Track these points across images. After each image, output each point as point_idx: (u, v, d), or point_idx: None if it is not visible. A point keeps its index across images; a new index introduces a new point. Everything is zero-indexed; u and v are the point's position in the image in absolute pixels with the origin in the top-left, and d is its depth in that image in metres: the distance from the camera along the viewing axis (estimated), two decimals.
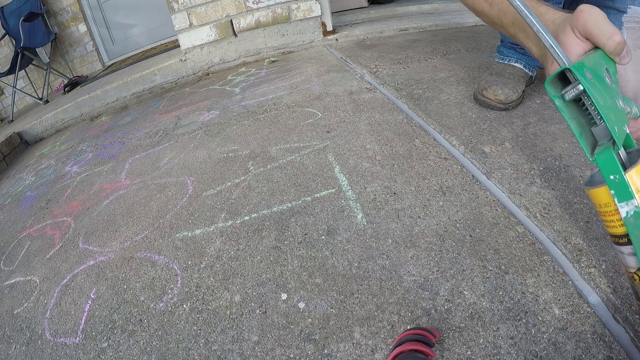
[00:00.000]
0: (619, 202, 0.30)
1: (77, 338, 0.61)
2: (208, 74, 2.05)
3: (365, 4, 2.60)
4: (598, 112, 0.29)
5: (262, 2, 1.87)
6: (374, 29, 1.93)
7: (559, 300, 0.46)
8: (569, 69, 0.30)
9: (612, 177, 0.29)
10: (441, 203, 0.66)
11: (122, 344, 0.57)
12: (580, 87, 0.30)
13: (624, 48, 0.35)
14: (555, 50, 0.32)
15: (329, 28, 1.98)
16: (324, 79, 1.40)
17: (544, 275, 0.50)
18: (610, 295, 0.45)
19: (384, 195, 0.71)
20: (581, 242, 0.52)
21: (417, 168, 0.76)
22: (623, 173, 0.29)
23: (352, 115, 1.05)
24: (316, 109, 1.15)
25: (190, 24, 1.93)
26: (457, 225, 0.61)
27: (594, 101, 0.29)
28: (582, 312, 0.45)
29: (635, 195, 0.29)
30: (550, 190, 0.61)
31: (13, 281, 0.83)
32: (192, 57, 2.02)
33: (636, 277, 0.33)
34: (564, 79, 0.32)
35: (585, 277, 0.48)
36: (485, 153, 0.74)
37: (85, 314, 0.65)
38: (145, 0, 2.82)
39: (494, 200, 0.64)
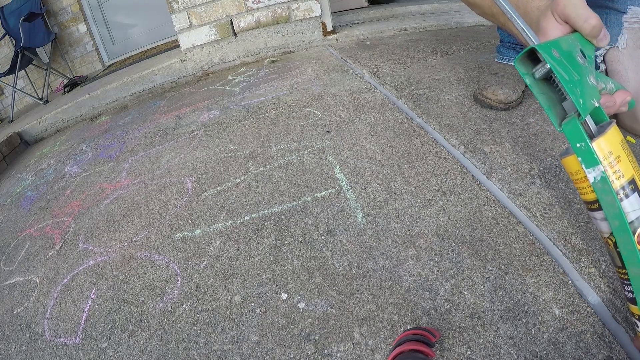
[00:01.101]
0: (586, 169, 0.32)
1: (77, 338, 0.61)
2: (208, 74, 2.05)
3: (365, 4, 2.60)
4: (563, 86, 0.31)
5: (262, 2, 1.88)
6: (374, 29, 1.93)
7: (559, 300, 0.46)
8: (535, 49, 0.32)
9: (578, 145, 0.32)
10: (441, 203, 0.66)
11: (122, 344, 0.57)
12: (548, 66, 0.32)
13: (601, 31, 0.37)
14: (525, 31, 0.36)
15: (329, 28, 1.98)
16: (324, 79, 1.40)
17: (544, 275, 0.50)
18: (610, 295, 0.45)
19: (384, 195, 0.71)
20: (581, 242, 0.52)
21: (417, 168, 0.76)
22: (588, 141, 0.31)
23: (352, 115, 1.05)
24: (316, 109, 1.15)
25: (190, 24, 1.93)
26: (457, 225, 0.61)
27: (558, 76, 0.31)
28: (582, 312, 0.45)
29: (602, 161, 0.31)
30: (550, 190, 0.61)
31: (13, 281, 0.83)
32: (192, 57, 2.02)
33: (610, 242, 0.35)
34: (536, 59, 0.33)
35: (585, 277, 0.48)
36: (485, 153, 0.74)
37: (85, 314, 0.65)
38: (145, 0, 2.82)
39: (494, 200, 0.64)
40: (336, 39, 1.93)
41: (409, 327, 0.47)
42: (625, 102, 0.38)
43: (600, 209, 0.33)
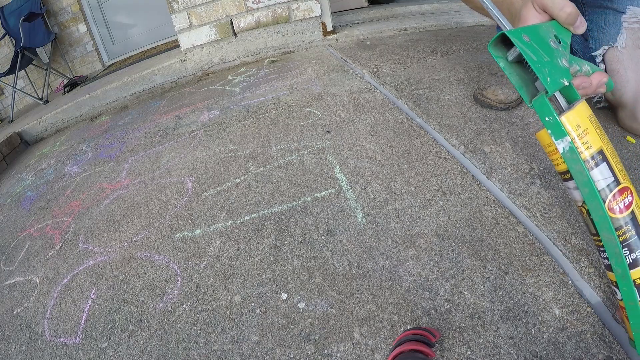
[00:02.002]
0: (555, 140, 0.34)
1: (77, 338, 0.61)
2: (208, 74, 2.05)
3: (365, 4, 2.60)
4: (531, 65, 0.34)
5: (262, 2, 1.88)
6: (374, 29, 1.93)
7: (559, 300, 0.46)
8: (506, 34, 0.35)
9: (547, 118, 0.34)
10: (441, 203, 0.66)
11: (122, 344, 0.57)
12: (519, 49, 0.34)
13: (576, 19, 0.39)
14: (499, 19, 0.38)
15: (329, 28, 1.98)
16: (324, 79, 1.40)
17: (544, 275, 0.50)
18: (610, 295, 0.45)
19: (384, 195, 0.71)
20: (581, 242, 0.52)
21: (417, 168, 0.76)
22: (556, 114, 0.34)
23: (352, 115, 1.05)
24: (316, 109, 1.15)
25: (190, 24, 1.93)
26: (457, 225, 0.61)
27: (526, 57, 0.33)
28: (582, 312, 0.45)
29: (570, 133, 0.33)
30: (550, 190, 0.61)
31: (13, 281, 0.83)
32: (192, 57, 2.02)
33: (583, 210, 0.37)
34: (510, 44, 0.36)
35: (585, 277, 0.48)
36: (485, 153, 0.74)
37: (85, 314, 0.65)
38: (145, 0, 2.82)
39: (494, 200, 0.64)
40: (336, 39, 1.93)
41: (409, 327, 0.47)
42: (601, 83, 0.41)
43: (572, 178, 0.36)
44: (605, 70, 0.72)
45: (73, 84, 2.69)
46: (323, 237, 0.65)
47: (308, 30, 1.95)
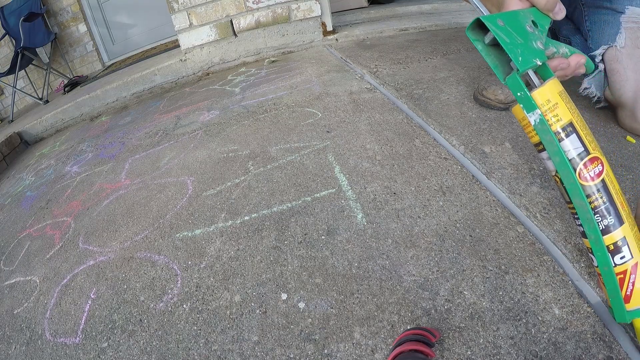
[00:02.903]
0: (527, 113, 0.37)
1: (77, 338, 0.61)
2: (208, 74, 2.05)
3: (365, 4, 2.60)
4: (503, 46, 0.36)
5: (262, 2, 1.88)
6: (374, 29, 1.93)
7: (559, 300, 0.46)
8: (480, 19, 0.38)
9: (519, 94, 0.37)
10: (441, 203, 0.66)
11: (122, 344, 0.57)
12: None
13: (555, 5, 0.41)
14: (477, 6, 0.41)
15: (329, 28, 1.98)
16: (324, 79, 1.40)
17: (544, 275, 0.50)
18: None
19: (384, 195, 0.71)
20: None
21: (417, 168, 0.76)
22: (526, 90, 0.36)
23: (352, 115, 1.05)
24: (316, 109, 1.15)
25: (190, 24, 1.93)
26: (457, 225, 0.61)
27: (499, 39, 0.36)
28: (582, 312, 0.45)
29: (540, 107, 0.36)
30: (550, 190, 0.61)
31: (13, 281, 0.83)
32: (192, 57, 2.02)
33: (557, 179, 0.39)
34: (487, 28, 0.38)
35: (585, 277, 0.48)
36: (485, 153, 0.74)
37: (85, 314, 0.65)
38: (145, 0, 2.82)
39: (494, 200, 0.64)
40: (336, 39, 1.93)
41: (409, 327, 0.47)
42: (580, 64, 0.43)
43: (545, 149, 0.38)
44: (605, 70, 0.72)
45: (73, 84, 2.69)
46: (323, 237, 0.65)
47: (308, 30, 1.95)
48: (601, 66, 0.73)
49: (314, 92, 1.29)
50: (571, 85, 0.90)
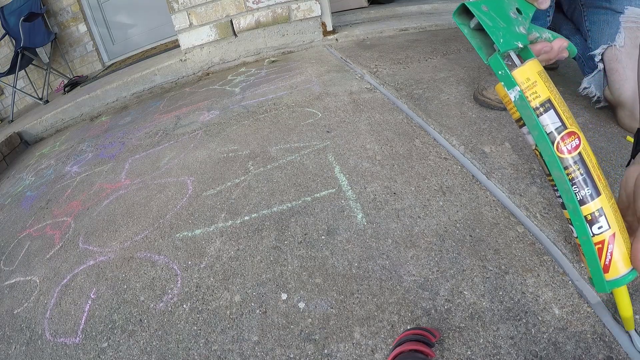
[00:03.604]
0: (507, 90, 0.40)
1: (77, 338, 0.61)
2: (208, 74, 2.05)
3: (365, 4, 2.60)
4: (486, 30, 0.39)
5: (262, 2, 1.88)
6: (374, 29, 1.93)
7: (559, 300, 0.46)
8: (465, 4, 0.40)
9: (499, 72, 0.40)
10: (441, 203, 0.66)
11: (122, 344, 0.57)
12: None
13: None
14: None
15: (329, 28, 1.98)
16: (324, 79, 1.40)
17: (544, 275, 0.50)
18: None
19: (384, 195, 0.71)
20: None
21: (417, 168, 0.76)
22: (506, 68, 0.39)
23: (352, 115, 1.05)
24: (316, 109, 1.15)
25: (190, 24, 1.93)
26: (457, 225, 0.61)
27: (482, 23, 0.39)
28: (582, 312, 0.45)
29: (520, 84, 0.39)
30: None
31: (13, 281, 0.83)
32: (192, 57, 2.02)
33: (537, 152, 0.41)
34: (472, 14, 0.41)
35: (585, 277, 0.48)
36: (485, 153, 0.74)
37: (85, 314, 0.65)
38: (145, 0, 2.82)
39: (494, 200, 0.64)
40: (336, 39, 1.93)
41: (409, 327, 0.47)
42: (562, 47, 0.46)
43: (525, 124, 0.41)
44: (605, 70, 0.72)
45: (73, 84, 2.69)
46: (323, 237, 0.65)
47: (308, 30, 1.95)
48: (600, 66, 0.73)
49: (314, 92, 1.29)
50: (571, 85, 0.90)
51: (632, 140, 0.68)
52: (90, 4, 2.92)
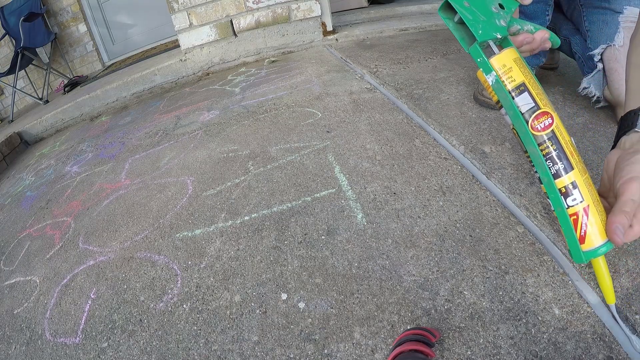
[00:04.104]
0: (485, 75, 0.44)
1: (77, 338, 0.61)
2: (208, 74, 2.05)
3: (365, 4, 2.60)
4: (466, 23, 0.43)
5: (262, 2, 1.88)
6: (374, 29, 1.93)
7: (559, 300, 0.46)
8: (448, 1, 0.44)
9: (478, 59, 0.44)
10: (441, 203, 0.66)
11: (122, 344, 0.57)
12: None
13: None
14: None
15: (329, 28, 1.98)
16: (324, 79, 1.40)
17: (544, 275, 0.50)
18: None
19: (384, 195, 0.71)
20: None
21: (417, 168, 0.76)
22: (484, 56, 0.43)
23: (352, 115, 1.05)
24: (316, 109, 1.15)
25: (190, 24, 1.93)
26: (457, 225, 0.61)
27: (463, 17, 0.43)
28: (582, 312, 0.45)
29: (496, 70, 0.43)
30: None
31: (13, 281, 0.83)
32: (192, 57, 2.02)
33: (515, 132, 0.45)
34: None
35: (585, 277, 0.48)
36: (485, 153, 0.74)
37: (85, 314, 0.65)
38: (145, 0, 2.82)
39: (494, 200, 0.64)
40: (336, 39, 1.93)
41: (409, 327, 0.47)
42: (544, 38, 0.50)
43: (503, 106, 0.45)
44: (604, 69, 0.72)
45: (73, 84, 2.69)
46: (323, 237, 0.65)
47: (308, 30, 1.95)
48: (600, 65, 0.73)
49: (314, 92, 1.29)
50: (571, 85, 0.90)
51: None
52: (90, 4, 2.92)
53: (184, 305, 0.60)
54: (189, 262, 0.69)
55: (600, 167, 0.63)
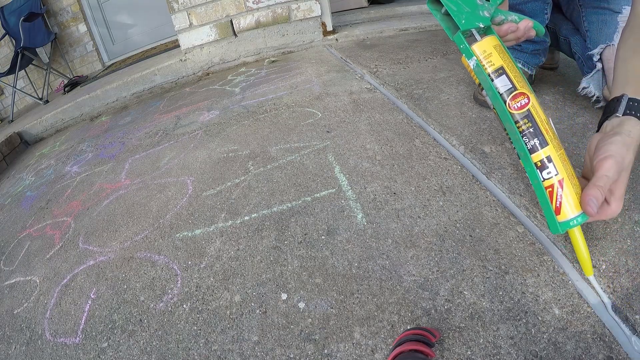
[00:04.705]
0: (467, 60, 0.49)
1: (77, 338, 0.61)
2: (208, 74, 2.05)
3: (365, 4, 2.60)
4: (450, 13, 0.48)
5: (262, 2, 1.88)
6: (374, 29, 1.93)
7: (559, 300, 0.46)
8: None
9: (461, 46, 0.49)
10: (441, 203, 0.66)
11: (122, 344, 0.57)
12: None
13: None
14: None
15: (329, 28, 1.98)
16: (324, 79, 1.40)
17: (544, 275, 0.50)
18: (610, 295, 0.45)
19: (384, 195, 0.71)
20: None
21: (417, 168, 0.76)
22: (466, 43, 0.48)
23: (352, 115, 1.05)
24: (316, 109, 1.15)
25: (190, 24, 1.93)
26: (457, 225, 0.61)
27: (448, 8, 0.48)
28: (582, 312, 0.45)
29: (477, 55, 0.48)
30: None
31: (13, 281, 0.83)
32: (192, 57, 2.02)
33: (495, 112, 0.50)
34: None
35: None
36: (485, 153, 0.74)
37: (85, 314, 0.65)
38: (145, 0, 2.82)
39: (494, 200, 0.64)
40: (336, 39, 1.93)
41: (409, 327, 0.47)
42: (528, 27, 0.53)
43: (483, 88, 0.49)
44: (603, 69, 0.72)
45: (73, 84, 2.69)
46: (323, 237, 0.65)
47: (308, 30, 1.95)
48: (599, 65, 0.73)
49: (314, 92, 1.29)
50: (571, 85, 0.90)
51: None
52: (90, 4, 2.92)
53: (184, 305, 0.60)
54: (189, 262, 0.69)
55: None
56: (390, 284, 0.54)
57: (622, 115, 0.46)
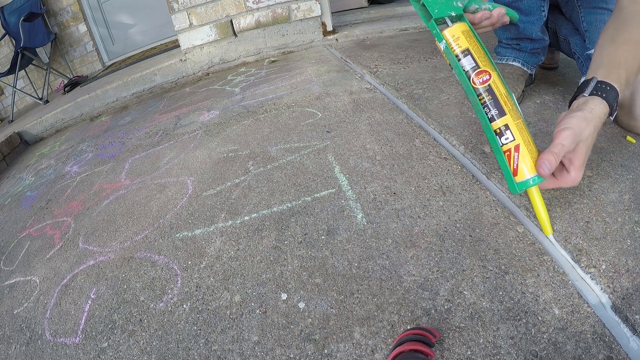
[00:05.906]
0: (438, 43, 0.55)
1: (77, 338, 0.61)
2: (208, 74, 2.05)
3: (365, 4, 2.60)
4: (425, 4, 0.55)
5: (262, 2, 1.88)
6: (374, 29, 1.94)
7: (559, 300, 0.46)
8: None
9: (433, 31, 0.55)
10: (441, 203, 0.66)
11: (122, 344, 0.57)
12: None
13: None
14: None
15: (329, 28, 1.98)
16: (324, 79, 1.40)
17: (544, 275, 0.50)
18: (610, 295, 0.45)
19: (384, 195, 0.71)
20: (581, 242, 0.52)
21: (417, 168, 0.76)
22: (437, 28, 0.55)
23: (352, 115, 1.05)
24: (316, 109, 1.15)
25: (190, 24, 1.93)
26: (457, 225, 0.61)
27: (424, 0, 0.55)
28: (582, 312, 0.45)
29: (447, 39, 0.54)
30: (549, 190, 0.61)
31: (13, 281, 0.83)
32: (192, 57, 2.02)
33: (464, 89, 0.56)
34: None
35: (586, 277, 0.48)
36: (485, 153, 0.74)
37: (85, 314, 0.65)
38: (145, 0, 2.82)
39: (494, 200, 0.64)
40: (336, 39, 1.93)
41: (409, 327, 0.47)
42: (501, 14, 0.58)
43: (452, 67, 0.55)
44: None
45: (73, 84, 2.69)
46: (323, 237, 0.65)
47: (308, 30, 1.95)
48: None
49: (314, 92, 1.29)
50: (571, 85, 0.90)
51: (632, 140, 0.68)
52: (90, 4, 2.92)
53: (184, 305, 0.60)
54: (189, 262, 0.69)
55: (600, 166, 0.63)
56: (390, 284, 0.54)
57: (589, 95, 0.51)
